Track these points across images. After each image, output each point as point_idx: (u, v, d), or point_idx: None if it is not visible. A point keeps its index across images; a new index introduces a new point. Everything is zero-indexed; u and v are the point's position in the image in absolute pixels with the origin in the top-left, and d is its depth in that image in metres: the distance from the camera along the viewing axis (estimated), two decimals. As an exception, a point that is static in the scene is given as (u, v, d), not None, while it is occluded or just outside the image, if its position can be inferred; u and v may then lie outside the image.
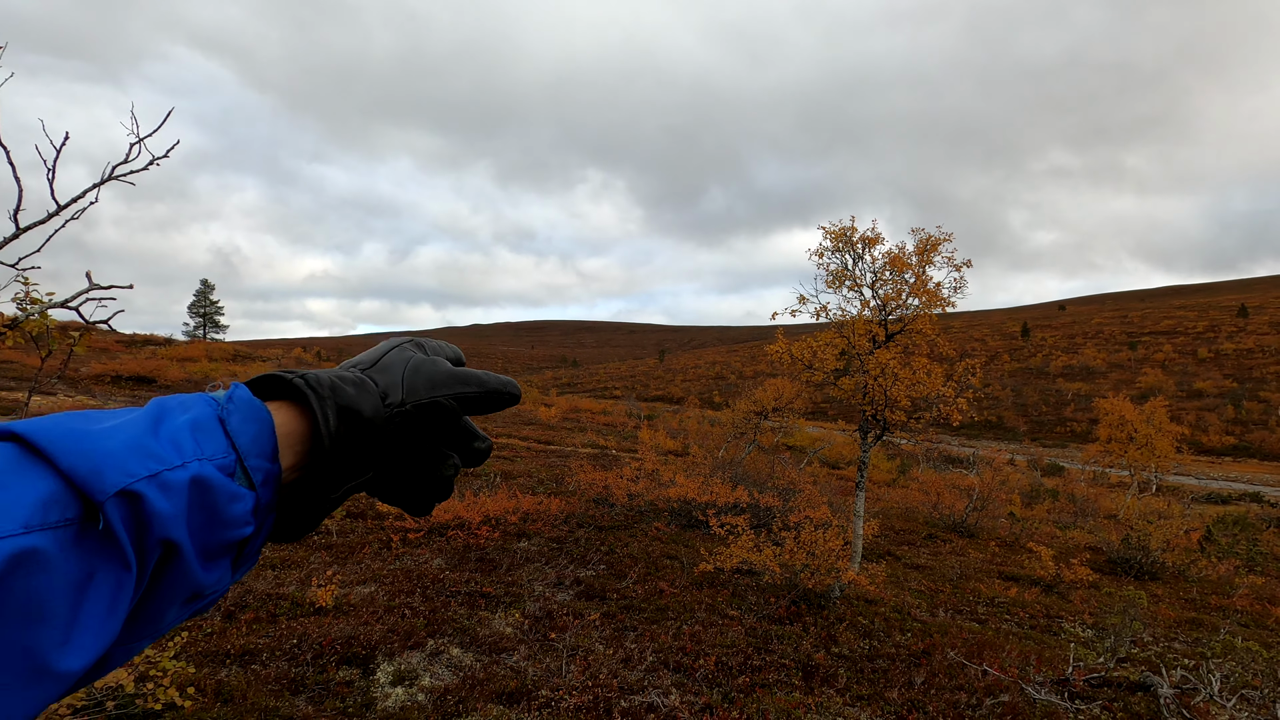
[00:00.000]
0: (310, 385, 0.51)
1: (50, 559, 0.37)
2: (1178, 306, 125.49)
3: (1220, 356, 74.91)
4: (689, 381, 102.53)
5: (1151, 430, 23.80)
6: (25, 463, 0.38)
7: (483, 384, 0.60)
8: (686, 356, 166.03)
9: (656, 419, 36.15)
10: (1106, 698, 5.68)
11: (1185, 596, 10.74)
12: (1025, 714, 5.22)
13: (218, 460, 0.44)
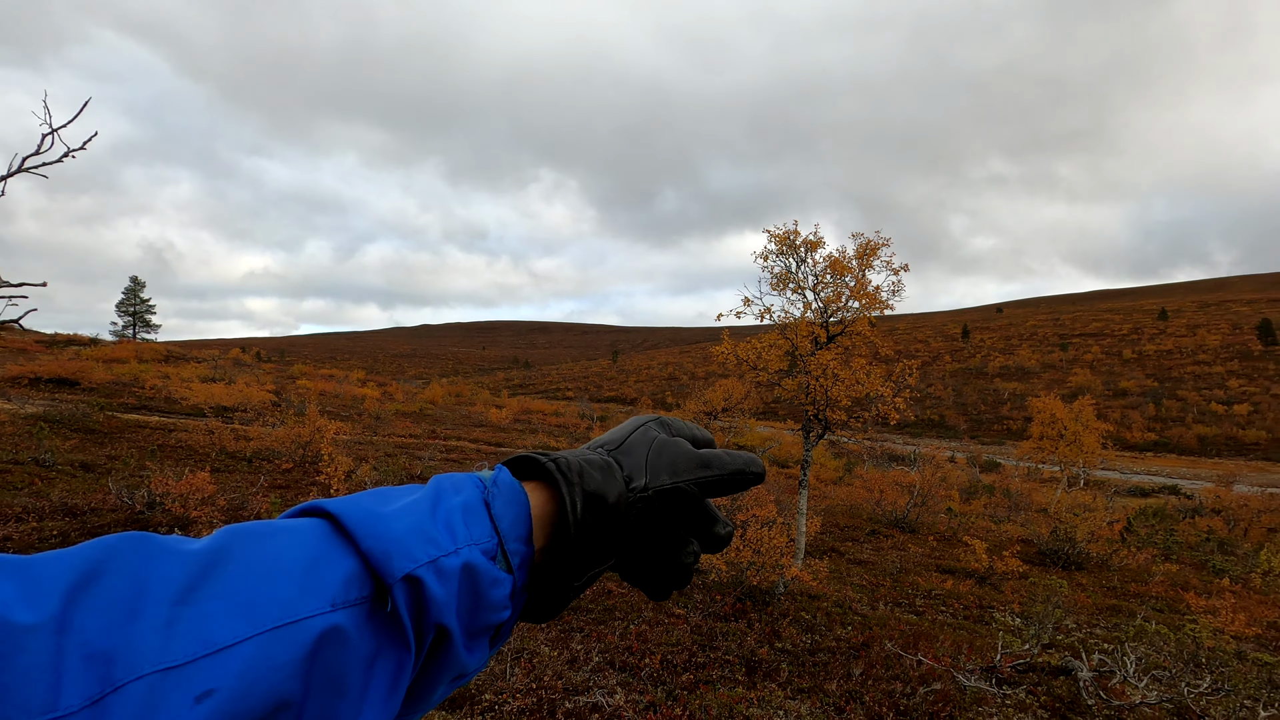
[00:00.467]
0: (561, 471, 0.51)
1: (349, 636, 0.39)
2: (1105, 310, 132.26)
3: (1143, 357, 79.28)
4: (642, 382, 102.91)
5: (1080, 428, 25.05)
6: (335, 541, 0.41)
7: (724, 466, 0.58)
8: (640, 357, 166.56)
9: (609, 420, 36.17)
10: (1031, 682, 5.97)
11: (1107, 585, 11.34)
12: (956, 701, 5.44)
13: (483, 545, 0.46)
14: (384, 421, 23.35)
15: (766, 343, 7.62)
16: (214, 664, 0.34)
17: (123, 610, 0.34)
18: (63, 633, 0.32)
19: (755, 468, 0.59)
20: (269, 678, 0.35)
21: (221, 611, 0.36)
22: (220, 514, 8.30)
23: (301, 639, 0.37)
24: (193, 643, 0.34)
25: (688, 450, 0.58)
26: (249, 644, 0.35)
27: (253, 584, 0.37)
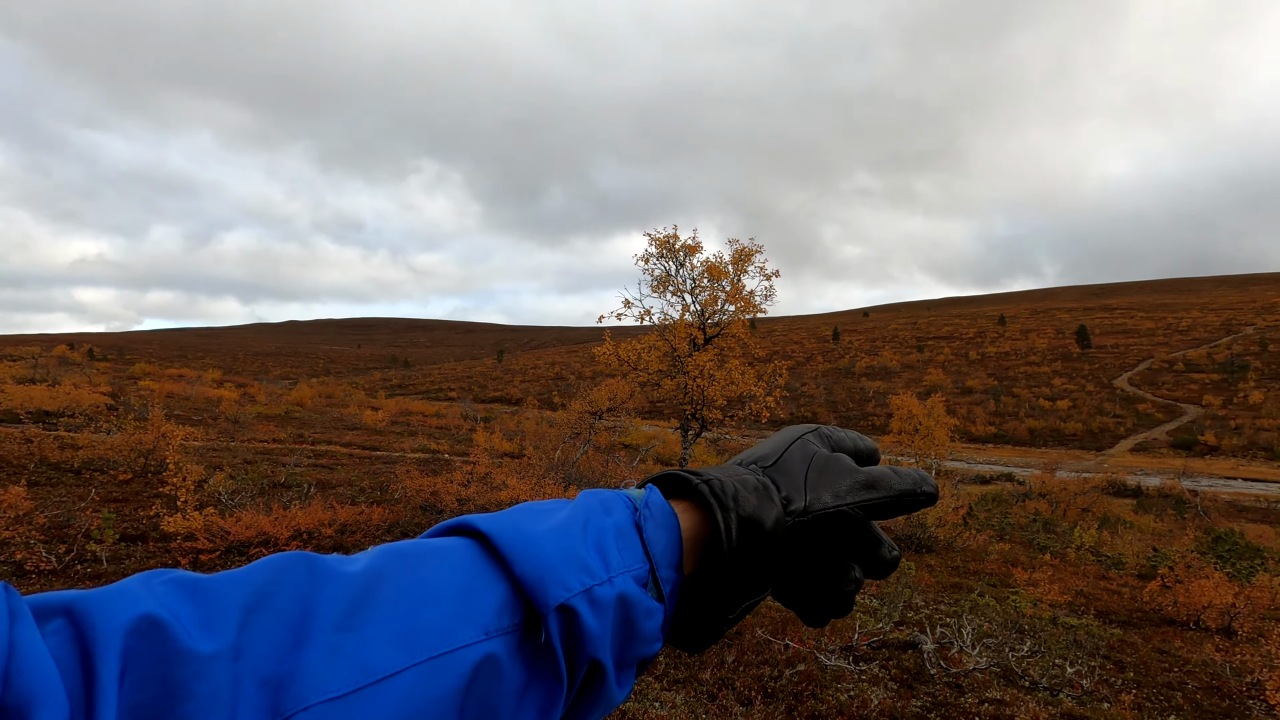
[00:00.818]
0: (715, 494, 0.48)
1: (502, 666, 0.37)
2: (955, 315, 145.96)
3: (985, 358, 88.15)
4: (528, 382, 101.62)
5: (932, 423, 27.49)
6: (487, 564, 0.39)
7: (892, 488, 0.53)
8: (526, 357, 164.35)
9: (493, 421, 35.46)
10: (884, 657, 6.50)
11: (952, 565, 12.52)
12: (818, 679, 5.82)
13: (634, 572, 0.43)
14: (243, 425, 21.55)
15: (646, 344, 7.80)
16: (375, 694, 0.33)
17: (291, 635, 0.33)
18: (239, 659, 0.31)
19: (927, 487, 0.54)
20: (427, 709, 0.34)
21: (382, 639, 0.34)
22: (40, 533, 7.34)
23: (458, 669, 0.35)
24: (356, 672, 0.33)
25: (850, 468, 0.54)
26: (409, 673, 0.34)
27: (411, 610, 0.36)
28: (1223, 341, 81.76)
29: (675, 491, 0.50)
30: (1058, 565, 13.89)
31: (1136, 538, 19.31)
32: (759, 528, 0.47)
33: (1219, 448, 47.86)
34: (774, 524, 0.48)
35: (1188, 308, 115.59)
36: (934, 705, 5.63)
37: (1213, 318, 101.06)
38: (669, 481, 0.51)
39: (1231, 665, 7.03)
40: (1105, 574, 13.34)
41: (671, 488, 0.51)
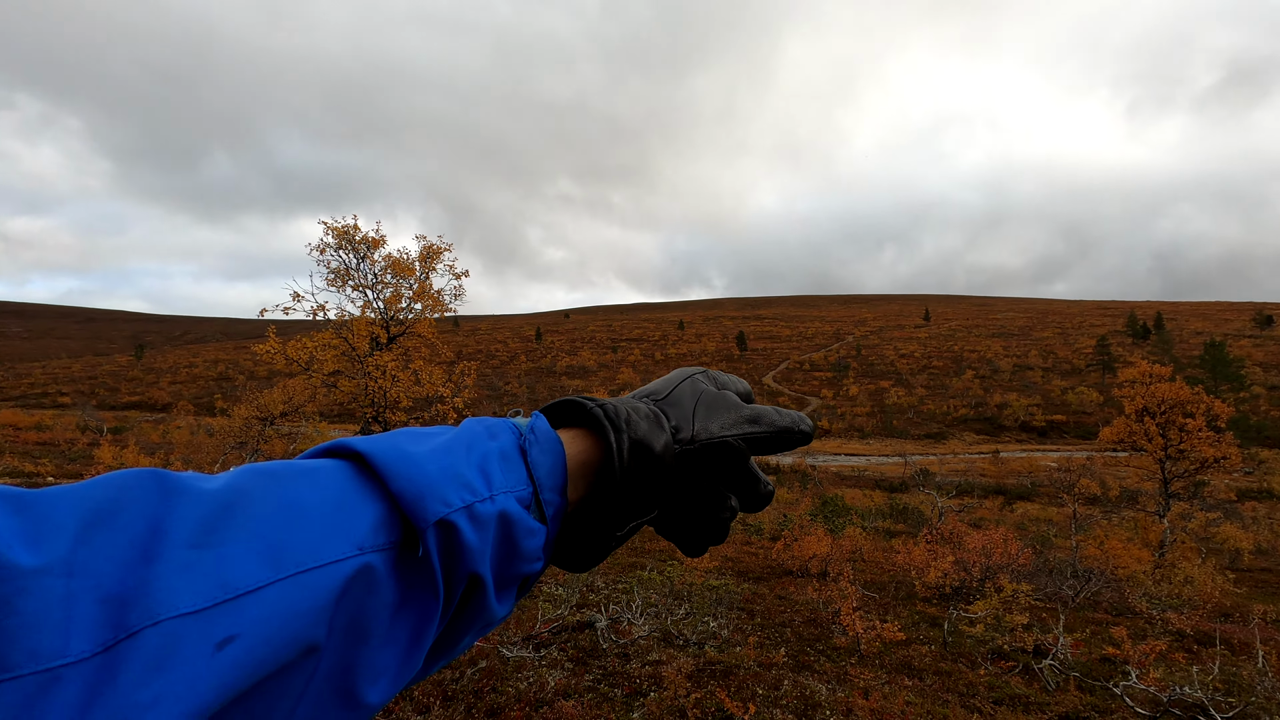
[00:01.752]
0: (609, 417, 0.49)
1: (377, 582, 0.36)
2: (644, 319, 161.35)
3: (668, 359, 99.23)
4: (181, 384, 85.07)
5: (620, 417, 30.09)
6: (362, 482, 0.38)
7: (773, 423, 0.55)
8: (178, 353, 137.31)
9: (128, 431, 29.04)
10: (562, 641, 6.91)
11: (632, 546, 13.84)
12: (500, 672, 5.96)
13: (518, 493, 0.43)
14: None
15: (320, 342, 7.13)
16: (235, 609, 0.32)
17: (138, 552, 0.31)
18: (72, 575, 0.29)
19: (804, 426, 0.57)
20: (293, 624, 0.33)
21: (242, 555, 0.33)
22: None
23: (327, 584, 0.34)
24: (214, 587, 0.32)
25: (736, 403, 0.56)
26: (273, 589, 0.33)
27: (275, 527, 0.34)
28: (834, 347, 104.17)
29: (569, 420, 0.52)
30: (715, 536, 16.28)
31: (774, 507, 23.54)
32: (649, 451, 0.49)
33: (830, 431, 60.83)
34: (663, 449, 0.50)
35: (813, 319, 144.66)
36: (604, 676, 6.16)
37: (828, 328, 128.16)
38: (563, 410, 0.52)
39: (823, 600, 9.00)
40: (749, 540, 16.05)
41: (565, 417, 0.52)
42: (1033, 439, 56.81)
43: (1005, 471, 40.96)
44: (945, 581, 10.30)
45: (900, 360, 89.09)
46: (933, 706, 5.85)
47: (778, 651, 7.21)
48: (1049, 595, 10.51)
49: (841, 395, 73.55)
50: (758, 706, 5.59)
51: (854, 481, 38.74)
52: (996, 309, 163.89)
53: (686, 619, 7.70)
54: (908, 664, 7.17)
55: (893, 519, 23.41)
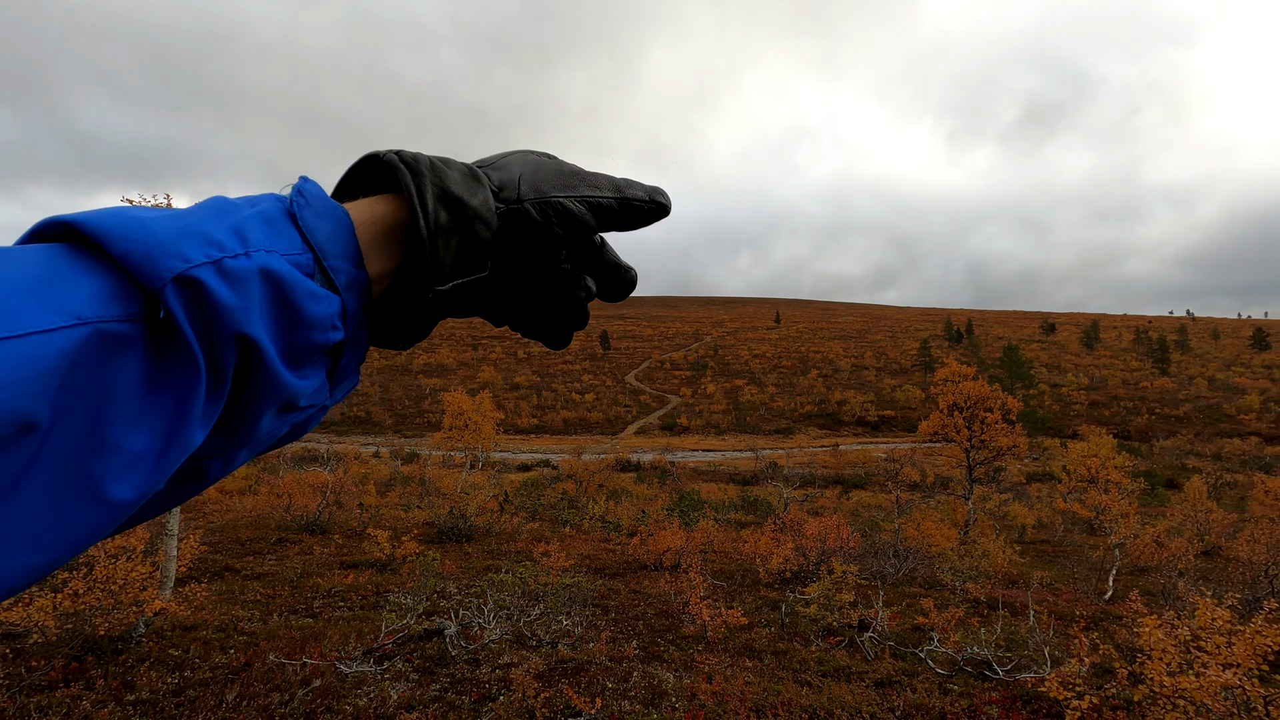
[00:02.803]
0: (407, 163, 0.43)
1: (115, 355, 0.32)
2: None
3: (531, 357, 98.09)
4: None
5: (479, 417, 29.27)
6: (77, 255, 0.34)
7: (619, 190, 0.50)
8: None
9: None
10: (408, 651, 6.64)
11: (488, 549, 13.54)
12: (337, 690, 5.61)
13: (289, 255, 0.38)
14: None
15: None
16: None
17: None
18: None
19: (660, 198, 0.51)
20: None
21: None
22: None
23: (36, 355, 0.30)
24: None
25: (577, 169, 0.50)
26: None
27: None
28: (693, 347, 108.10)
29: (370, 186, 0.46)
30: (574, 535, 16.34)
31: (633, 504, 24.04)
32: (462, 206, 0.44)
33: (689, 428, 63.08)
34: (481, 205, 0.45)
35: (674, 320, 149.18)
36: (452, 684, 6.00)
37: (688, 329, 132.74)
38: (361, 175, 0.46)
39: (674, 592, 9.33)
40: (607, 537, 16.27)
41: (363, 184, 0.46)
42: (867, 433, 62.37)
43: (844, 463, 44.63)
44: (786, 567, 11.05)
45: (753, 360, 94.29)
46: (769, 684, 6.26)
47: (629, 645, 7.39)
48: (874, 574, 11.60)
49: (700, 393, 76.56)
50: (605, 700, 5.69)
51: (710, 476, 40.49)
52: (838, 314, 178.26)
53: (540, 619, 7.67)
54: (749, 646, 7.63)
55: (744, 511, 24.74)
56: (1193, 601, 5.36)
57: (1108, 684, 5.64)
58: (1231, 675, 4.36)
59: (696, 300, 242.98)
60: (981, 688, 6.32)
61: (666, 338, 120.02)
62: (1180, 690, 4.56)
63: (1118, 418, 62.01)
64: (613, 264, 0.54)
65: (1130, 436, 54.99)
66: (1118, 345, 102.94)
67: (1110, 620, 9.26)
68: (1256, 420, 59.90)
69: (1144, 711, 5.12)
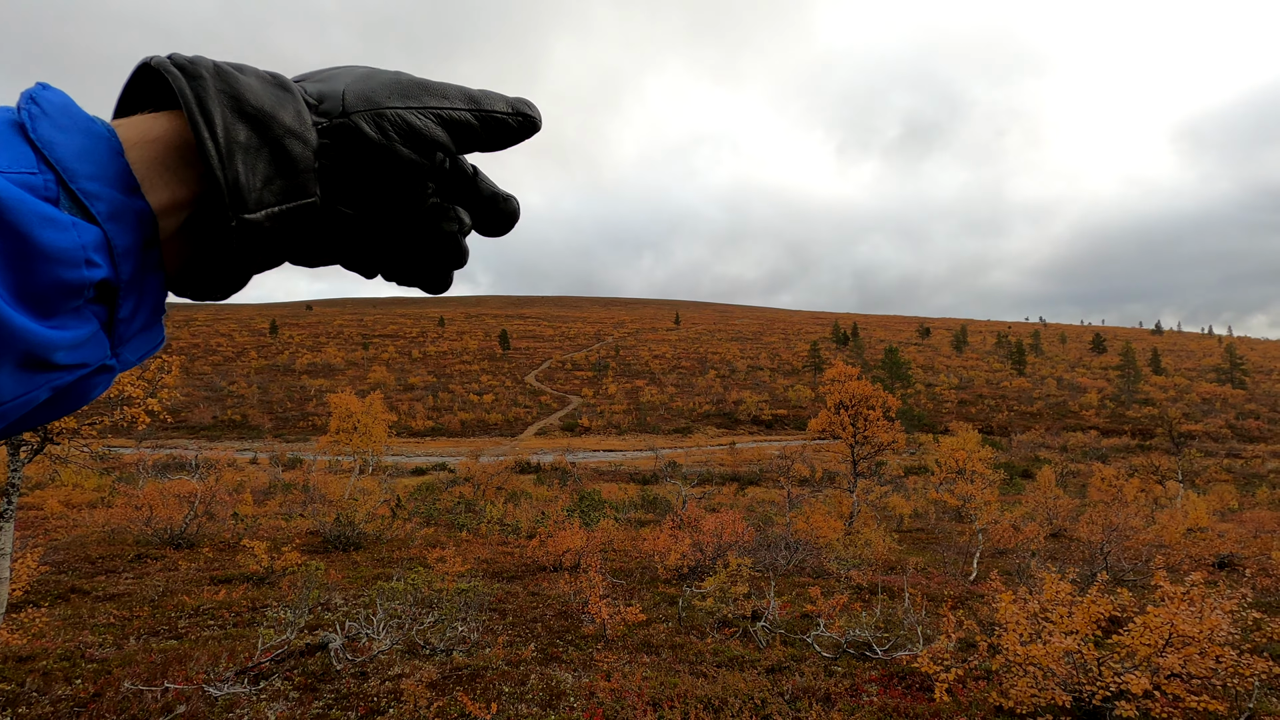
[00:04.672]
0: (180, 66, 0.34)
1: None
2: (400, 314, 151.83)
3: (427, 357, 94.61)
4: None
5: (370, 420, 27.90)
6: None
7: (476, 102, 0.41)
8: None
9: None
10: (288, 668, 6.22)
11: (379, 556, 12.93)
12: (204, 716, 5.17)
13: (17, 175, 0.30)
14: None
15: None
16: None
17: None
18: None
19: (526, 109, 0.43)
20: None
21: None
22: None
23: None
24: None
25: (423, 81, 0.41)
26: None
27: None
28: (594, 347, 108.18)
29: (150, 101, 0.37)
30: (471, 540, 15.91)
31: (533, 506, 23.72)
32: (266, 118, 0.35)
33: (590, 428, 63.01)
34: (294, 121, 0.37)
35: (575, 320, 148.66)
36: (337, 700, 5.68)
37: (589, 329, 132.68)
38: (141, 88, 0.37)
39: (573, 592, 9.29)
40: (505, 540, 15.95)
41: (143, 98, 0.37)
42: (762, 431, 64.76)
43: (740, 460, 46.13)
44: (684, 563, 11.27)
45: (654, 361, 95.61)
46: (666, 678, 6.36)
47: (527, 648, 7.28)
48: (766, 566, 12.06)
49: (601, 394, 76.72)
50: (502, 705, 5.59)
51: (611, 476, 40.65)
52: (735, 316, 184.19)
53: (434, 626, 7.41)
54: (648, 642, 7.72)
55: (644, 509, 25.02)
56: (1041, 578, 5.95)
57: (971, 657, 6.16)
58: (1072, 641, 4.87)
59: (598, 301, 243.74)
60: (863, 668, 6.71)
61: (568, 338, 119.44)
62: (1030, 658, 5.05)
63: (982, 414, 67.84)
64: (490, 194, 0.46)
65: (993, 431, 60.34)
66: (983, 348, 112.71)
67: (974, 599, 10.10)
68: (1095, 416, 67.35)
69: (1001, 679, 5.63)
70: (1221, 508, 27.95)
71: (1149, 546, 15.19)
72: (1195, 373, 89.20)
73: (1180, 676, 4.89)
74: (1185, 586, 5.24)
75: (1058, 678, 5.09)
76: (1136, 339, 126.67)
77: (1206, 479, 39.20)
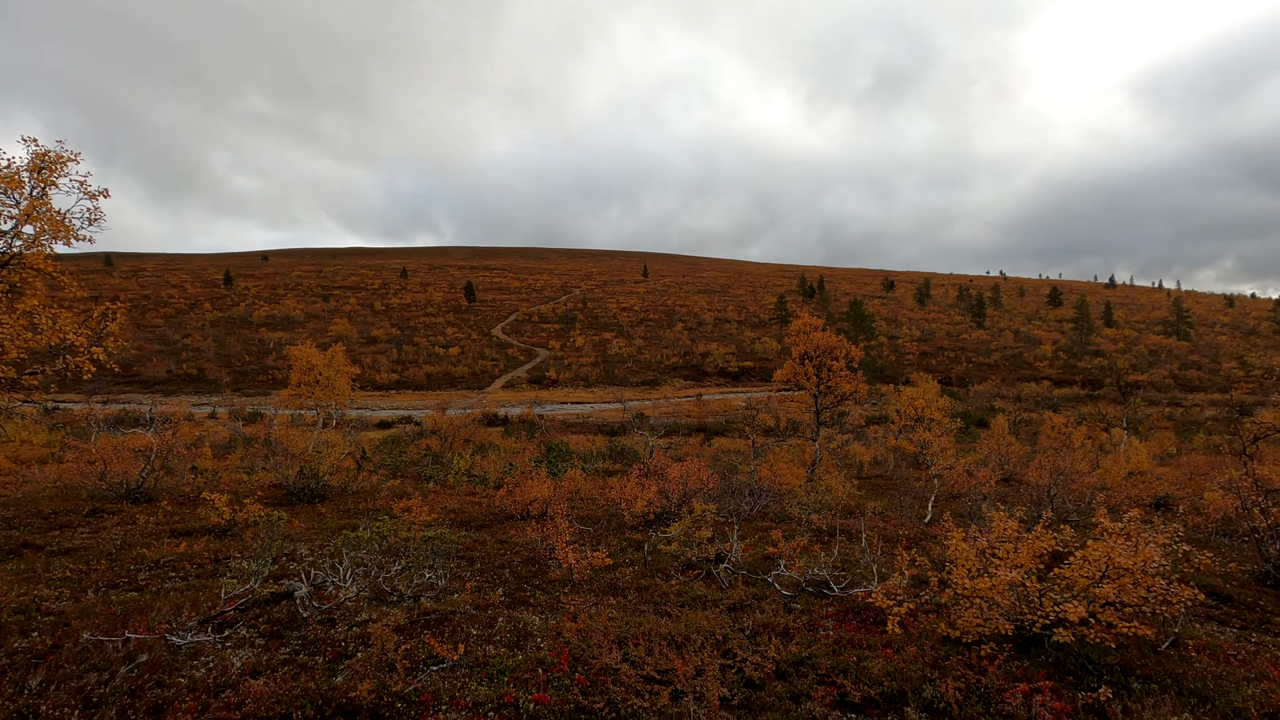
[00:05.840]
0: None
1: None
2: (361, 265, 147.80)
3: (390, 309, 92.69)
4: None
5: (332, 373, 27.38)
6: None
7: None
8: None
9: None
10: (253, 616, 6.21)
11: (344, 508, 12.87)
12: (167, 664, 5.15)
13: None
14: None
15: None
16: None
17: None
18: None
19: None
20: None
21: None
22: None
23: None
24: None
25: None
26: None
27: None
28: (561, 300, 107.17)
29: None
30: (438, 491, 15.93)
31: (501, 457, 23.78)
32: None
33: (558, 381, 62.92)
34: None
35: (542, 272, 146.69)
36: (304, 646, 5.70)
37: (556, 280, 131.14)
38: None
39: (541, 538, 9.39)
40: (474, 491, 16.01)
41: None
42: (729, 383, 65.49)
43: (706, 412, 46.71)
44: (650, 509, 11.47)
45: (622, 313, 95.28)
46: (631, 617, 6.53)
47: (495, 592, 7.38)
48: (731, 512, 12.36)
49: (569, 346, 76.44)
50: (470, 646, 5.68)
51: (579, 428, 40.87)
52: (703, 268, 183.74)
53: (401, 574, 7.45)
54: (614, 585, 7.89)
55: (612, 460, 25.28)
56: (991, 518, 6.20)
57: (923, 592, 6.44)
58: (1017, 574, 5.11)
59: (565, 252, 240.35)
60: (820, 604, 6.98)
61: (535, 290, 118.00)
62: (978, 591, 5.29)
63: (942, 365, 69.59)
64: None
65: (951, 382, 62.03)
66: (945, 301, 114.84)
67: (928, 540, 10.52)
68: (1049, 367, 69.64)
69: (949, 612, 5.91)
70: (1161, 453, 29.40)
71: (1093, 489, 15.94)
72: (1144, 325, 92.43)
73: (1114, 605, 5.19)
74: (1123, 523, 5.52)
75: (1002, 608, 5.37)
76: (1091, 292, 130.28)
77: (1149, 426, 41.10)
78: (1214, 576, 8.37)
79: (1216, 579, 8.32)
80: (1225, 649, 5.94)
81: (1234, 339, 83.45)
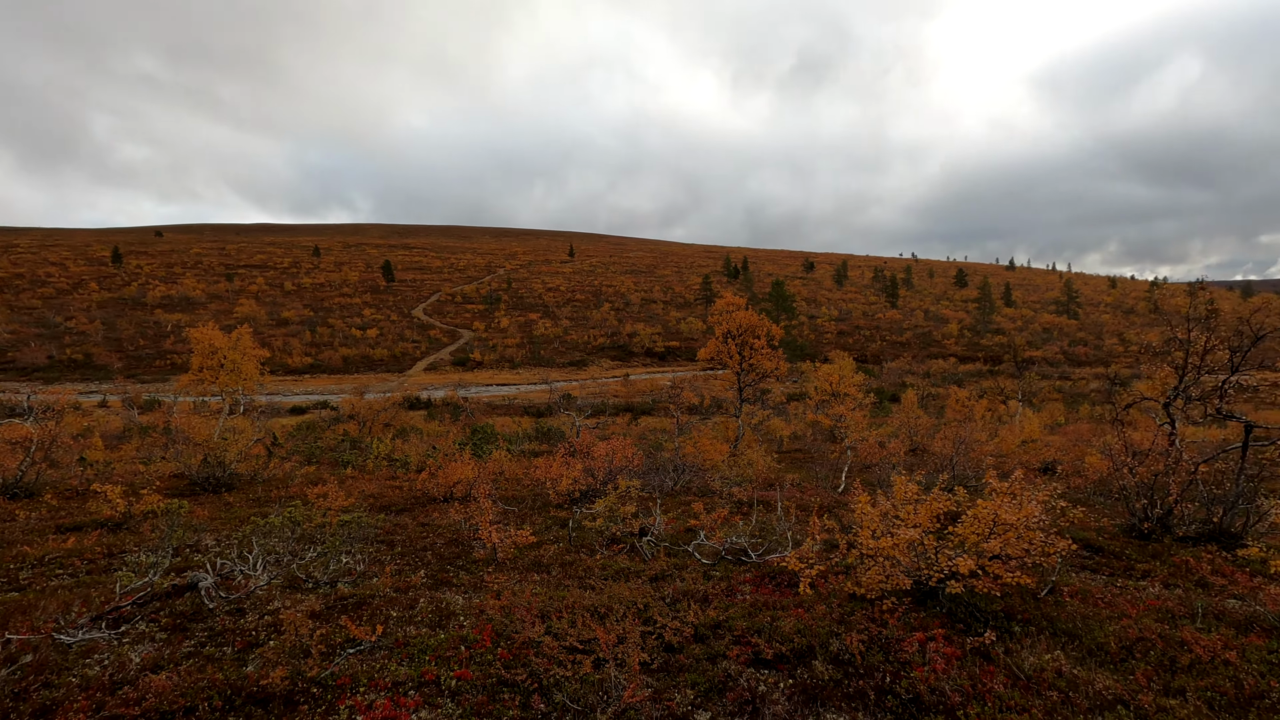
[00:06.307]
0: None
1: None
2: (269, 243, 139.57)
3: (301, 289, 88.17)
4: None
5: (239, 356, 25.86)
6: None
7: None
8: None
9: None
10: (153, 610, 5.90)
11: (254, 497, 12.30)
12: (56, 664, 4.84)
13: None
14: None
15: None
16: None
17: None
18: None
19: None
20: None
21: None
22: None
23: None
24: None
25: None
26: None
27: None
28: (485, 280, 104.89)
29: None
30: (357, 476, 15.44)
31: (423, 441, 23.21)
32: None
33: (483, 362, 61.79)
34: None
35: (465, 251, 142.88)
36: (211, 637, 5.47)
37: (480, 260, 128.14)
38: None
39: (465, 519, 9.31)
40: (395, 475, 15.60)
41: None
42: (655, 363, 66.11)
43: (633, 391, 47.05)
44: (575, 487, 11.53)
45: (548, 294, 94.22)
46: (555, 592, 6.59)
47: (416, 575, 7.28)
48: (655, 487, 12.58)
49: (493, 327, 75.07)
50: (389, 628, 5.60)
51: (504, 410, 40.36)
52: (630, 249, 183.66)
53: (317, 560, 7.22)
54: (538, 562, 7.93)
55: (538, 440, 25.16)
56: (894, 483, 6.60)
57: (833, 555, 6.82)
58: (916, 533, 5.49)
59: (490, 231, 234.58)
60: (738, 571, 7.25)
61: (457, 269, 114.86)
62: (880, 550, 5.64)
63: (858, 344, 72.64)
64: None
65: (867, 360, 64.89)
66: (861, 282, 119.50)
67: (840, 507, 11.07)
68: (955, 344, 73.93)
69: (856, 571, 6.28)
70: (1052, 422, 31.87)
71: (989, 455, 17.14)
72: (1039, 305, 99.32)
73: (1000, 558, 5.66)
74: (1008, 484, 6.00)
75: (902, 566, 5.75)
76: (993, 274, 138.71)
77: (1042, 398, 44.33)
78: (1088, 530, 9.21)
79: (1090, 532, 9.16)
80: (1094, 593, 6.58)
81: (1115, 317, 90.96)
